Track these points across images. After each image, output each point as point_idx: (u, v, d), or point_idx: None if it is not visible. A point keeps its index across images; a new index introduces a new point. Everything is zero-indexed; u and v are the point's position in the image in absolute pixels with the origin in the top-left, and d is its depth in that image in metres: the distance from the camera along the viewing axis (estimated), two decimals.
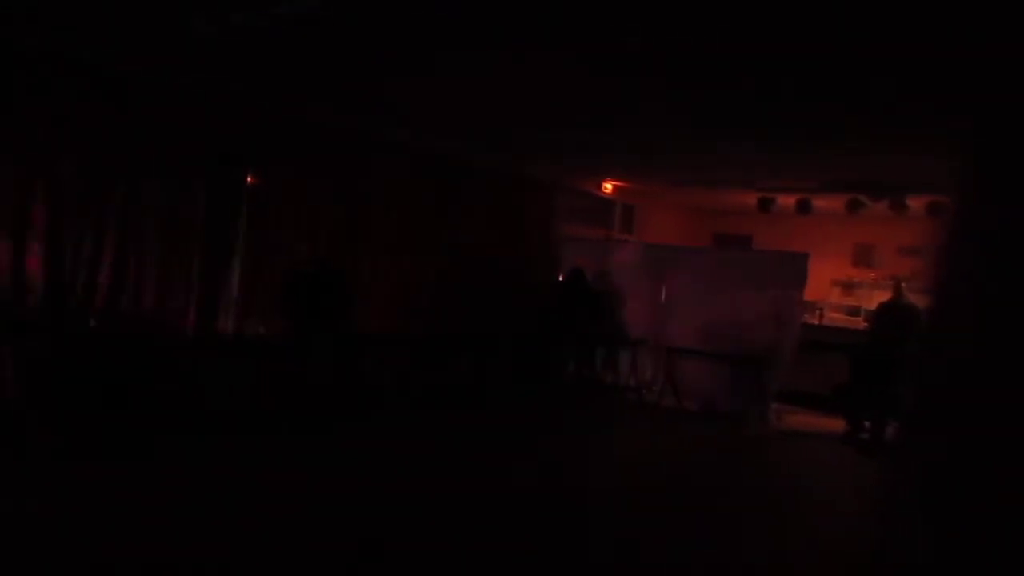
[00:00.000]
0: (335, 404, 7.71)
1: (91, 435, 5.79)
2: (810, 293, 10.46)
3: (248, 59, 6.10)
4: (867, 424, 8.71)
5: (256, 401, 7.20)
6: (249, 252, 7.86)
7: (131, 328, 6.89)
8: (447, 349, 9.55)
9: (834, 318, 12.50)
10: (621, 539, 5.03)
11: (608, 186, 11.96)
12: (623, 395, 10.33)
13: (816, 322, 11.74)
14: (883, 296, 10.29)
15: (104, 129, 6.62)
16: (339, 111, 7.95)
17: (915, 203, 9.96)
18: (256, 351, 7.74)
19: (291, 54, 5.86)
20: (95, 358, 6.50)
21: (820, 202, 10.99)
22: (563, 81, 6.14)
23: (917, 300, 9.89)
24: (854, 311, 12.55)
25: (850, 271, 13.16)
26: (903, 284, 9.40)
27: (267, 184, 7.98)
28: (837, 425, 9.01)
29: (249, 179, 7.87)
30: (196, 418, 6.63)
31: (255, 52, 5.85)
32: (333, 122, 8.35)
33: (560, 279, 11.08)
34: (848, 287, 13.11)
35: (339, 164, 8.59)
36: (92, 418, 5.97)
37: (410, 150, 9.34)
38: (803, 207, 11.01)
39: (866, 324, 10.94)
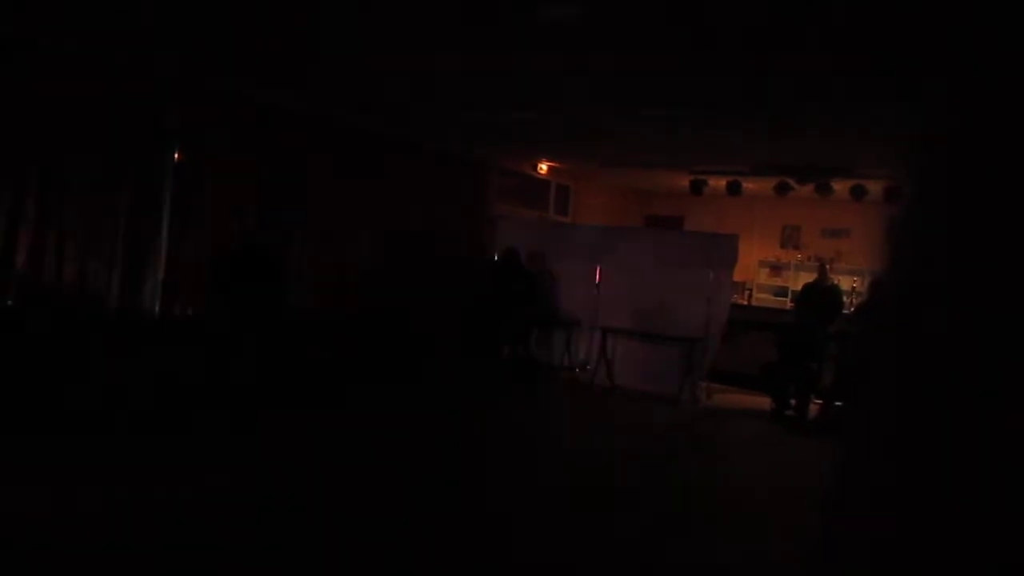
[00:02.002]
0: (266, 386, 7.57)
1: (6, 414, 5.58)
2: (739, 274, 10.70)
3: (176, 33, 5.90)
4: (792, 402, 8.99)
5: (181, 387, 7.02)
6: (177, 230, 7.65)
7: (50, 307, 6.65)
8: (381, 330, 9.46)
9: (762, 299, 12.83)
10: (549, 518, 5.09)
11: (543, 167, 12.01)
12: (558, 374, 10.44)
13: (745, 302, 12.02)
14: (808, 277, 10.62)
15: (23, 102, 6.34)
16: (272, 88, 7.77)
17: (839, 187, 10.28)
18: (184, 332, 7.54)
19: (221, 29, 5.69)
20: (10, 337, 6.26)
21: (750, 185, 11.23)
22: (499, 62, 6.11)
23: (840, 281, 10.27)
24: (781, 291, 12.91)
25: (778, 252, 13.50)
26: (827, 266, 9.70)
27: (196, 161, 7.75)
28: (764, 403, 9.28)
29: (177, 155, 7.64)
30: (118, 402, 6.44)
31: (183, 26, 5.66)
32: (264, 99, 8.15)
33: (495, 259, 11.10)
34: (775, 268, 13.46)
35: (270, 142, 8.40)
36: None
37: (345, 129, 9.19)
38: (733, 189, 11.24)
39: (792, 305, 11.26)
